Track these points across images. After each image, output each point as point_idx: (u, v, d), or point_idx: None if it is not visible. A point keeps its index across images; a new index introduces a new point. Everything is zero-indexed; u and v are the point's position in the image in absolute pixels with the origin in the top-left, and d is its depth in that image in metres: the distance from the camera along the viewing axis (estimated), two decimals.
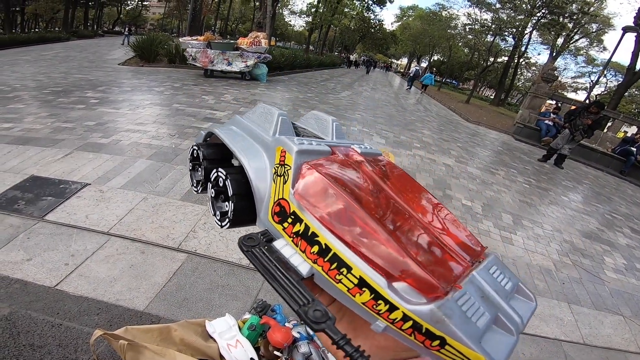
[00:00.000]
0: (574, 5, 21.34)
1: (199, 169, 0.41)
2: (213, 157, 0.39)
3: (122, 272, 2.03)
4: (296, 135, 0.35)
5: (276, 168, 0.29)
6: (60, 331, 1.65)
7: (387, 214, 0.25)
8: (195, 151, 0.42)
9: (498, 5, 23.54)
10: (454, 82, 48.52)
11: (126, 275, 2.01)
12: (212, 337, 1.47)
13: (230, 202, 0.33)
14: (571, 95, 35.69)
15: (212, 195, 0.36)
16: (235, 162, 0.36)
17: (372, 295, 0.21)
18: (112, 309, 1.80)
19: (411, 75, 21.43)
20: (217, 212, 0.35)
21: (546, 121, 10.00)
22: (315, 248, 0.23)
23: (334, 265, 0.22)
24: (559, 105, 10.80)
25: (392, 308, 0.21)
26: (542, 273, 2.92)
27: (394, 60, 65.36)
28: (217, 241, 2.41)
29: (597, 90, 33.52)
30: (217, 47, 9.29)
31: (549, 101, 11.43)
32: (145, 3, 47.70)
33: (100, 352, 1.51)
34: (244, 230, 0.30)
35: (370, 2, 36.66)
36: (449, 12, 30.89)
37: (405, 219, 0.25)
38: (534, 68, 34.00)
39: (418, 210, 0.26)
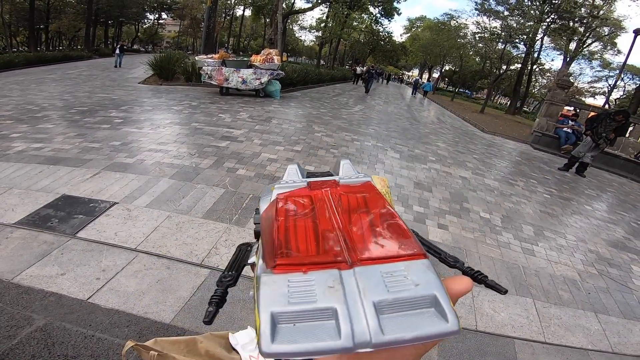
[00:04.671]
0: (583, 10, 21.03)
1: None
2: None
3: (149, 286, 2.11)
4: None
5: None
6: (93, 342, 1.72)
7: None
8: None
9: (506, 13, 23.47)
10: (467, 91, 48.07)
11: (153, 290, 2.09)
12: (235, 349, 1.51)
13: None
14: (589, 100, 34.83)
15: None
16: None
17: None
18: (140, 322, 1.87)
19: (413, 84, 28.62)
20: None
21: (565, 129, 9.79)
22: None
23: None
24: (577, 111, 10.57)
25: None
26: (567, 283, 2.84)
27: (405, 72, 65.52)
28: None
29: (616, 94, 32.65)
30: (232, 64, 9.58)
31: (567, 108, 11.21)
32: (161, 21, 49.69)
33: None
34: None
35: (379, 15, 37.17)
36: (457, 22, 30.95)
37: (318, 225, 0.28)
38: (548, 74, 33.42)
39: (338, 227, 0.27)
